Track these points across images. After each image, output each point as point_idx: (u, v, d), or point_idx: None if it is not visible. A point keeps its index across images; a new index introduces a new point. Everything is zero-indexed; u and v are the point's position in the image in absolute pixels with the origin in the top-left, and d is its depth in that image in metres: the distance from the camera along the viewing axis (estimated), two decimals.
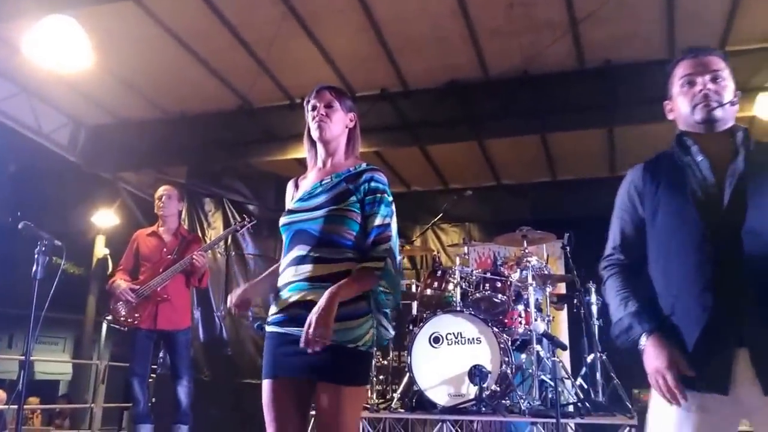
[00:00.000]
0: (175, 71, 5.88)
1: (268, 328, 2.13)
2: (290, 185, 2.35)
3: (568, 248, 4.83)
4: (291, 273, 2.11)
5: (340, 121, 2.27)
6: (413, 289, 5.43)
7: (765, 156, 1.74)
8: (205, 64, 5.77)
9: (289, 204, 2.25)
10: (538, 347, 4.34)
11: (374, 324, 2.08)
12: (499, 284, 4.63)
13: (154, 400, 5.58)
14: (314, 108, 2.26)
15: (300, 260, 2.10)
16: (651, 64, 5.49)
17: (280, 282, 2.15)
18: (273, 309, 2.14)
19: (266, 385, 2.07)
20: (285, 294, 2.10)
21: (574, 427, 4.46)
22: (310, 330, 1.91)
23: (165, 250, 4.47)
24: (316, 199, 2.15)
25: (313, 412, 2.13)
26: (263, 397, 2.07)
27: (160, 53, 5.62)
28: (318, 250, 2.08)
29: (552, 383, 3.96)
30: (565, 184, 7.62)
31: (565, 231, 5.01)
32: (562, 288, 5.83)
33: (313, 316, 1.93)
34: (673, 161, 1.80)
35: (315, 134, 2.24)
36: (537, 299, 4.63)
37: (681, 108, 1.82)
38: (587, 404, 4.13)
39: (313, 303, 2.00)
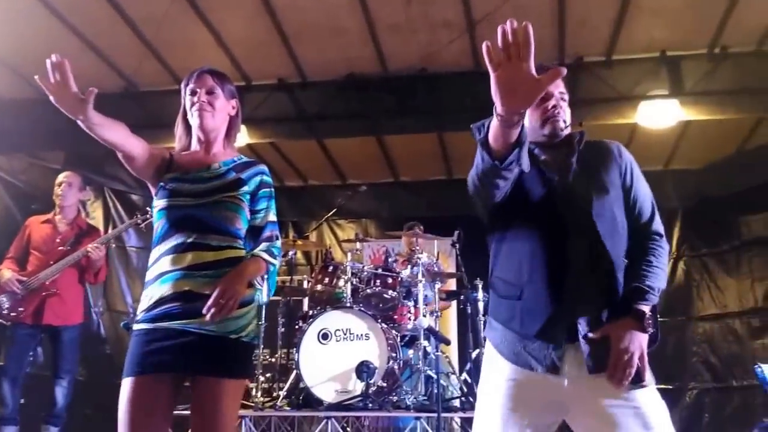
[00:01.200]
0: (51, 47, 5.20)
1: (137, 326, 1.95)
2: (165, 154, 2.13)
3: (457, 245, 4.91)
4: (167, 263, 1.94)
5: (223, 109, 2.14)
6: (305, 285, 5.32)
7: (590, 153, 1.90)
8: (85, 40, 5.34)
9: (167, 183, 2.05)
10: (425, 343, 4.37)
11: (257, 314, 2.03)
12: (389, 280, 4.63)
13: (23, 401, 5.25)
14: (194, 93, 2.11)
15: (181, 248, 1.95)
16: (541, 69, 5.65)
17: (152, 274, 1.98)
18: (143, 305, 1.96)
19: (128, 383, 1.88)
20: (157, 287, 1.93)
21: (459, 422, 4.53)
22: (223, 296, 1.84)
23: (58, 240, 4.16)
24: (205, 185, 2.03)
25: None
26: (121, 397, 1.88)
27: (34, 26, 5.13)
28: (205, 236, 1.96)
29: None
30: (460, 183, 7.74)
31: (455, 229, 5.08)
32: (452, 284, 5.91)
33: (226, 283, 1.87)
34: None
35: (195, 122, 2.11)
36: (426, 295, 4.66)
37: (530, 121, 1.90)
38: (471, 399, 4.19)
39: (190, 293, 1.89)
